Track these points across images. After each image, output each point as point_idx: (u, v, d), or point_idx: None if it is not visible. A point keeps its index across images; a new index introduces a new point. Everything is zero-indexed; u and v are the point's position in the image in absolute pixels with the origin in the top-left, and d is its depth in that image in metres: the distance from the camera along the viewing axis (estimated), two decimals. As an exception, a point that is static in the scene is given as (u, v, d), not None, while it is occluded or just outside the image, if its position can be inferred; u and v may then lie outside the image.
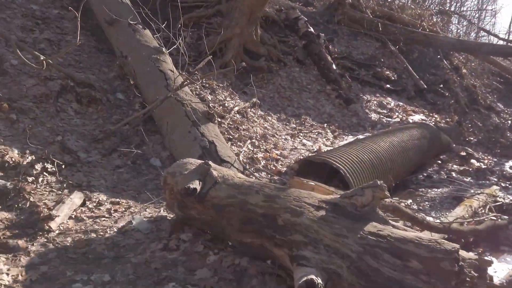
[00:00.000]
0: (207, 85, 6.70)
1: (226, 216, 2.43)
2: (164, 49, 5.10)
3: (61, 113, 4.22)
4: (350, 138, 6.97)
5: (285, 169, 5.02)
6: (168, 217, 3.05)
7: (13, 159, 3.23)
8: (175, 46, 4.61)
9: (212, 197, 2.54)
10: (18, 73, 4.46)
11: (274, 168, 4.99)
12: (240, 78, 7.85)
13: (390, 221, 2.32)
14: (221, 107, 6.03)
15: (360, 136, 6.83)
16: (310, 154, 5.77)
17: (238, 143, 5.40)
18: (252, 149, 5.43)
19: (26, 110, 3.96)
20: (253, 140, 5.56)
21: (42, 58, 3.78)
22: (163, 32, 5.16)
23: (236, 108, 6.51)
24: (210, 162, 2.72)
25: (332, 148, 6.00)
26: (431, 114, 9.20)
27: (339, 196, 2.30)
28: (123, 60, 5.29)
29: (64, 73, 4.66)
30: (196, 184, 2.52)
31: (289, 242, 2.18)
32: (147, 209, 3.20)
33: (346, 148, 5.03)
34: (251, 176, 4.29)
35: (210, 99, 6.42)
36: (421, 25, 11.23)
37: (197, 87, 6.12)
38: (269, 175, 4.73)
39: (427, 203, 4.63)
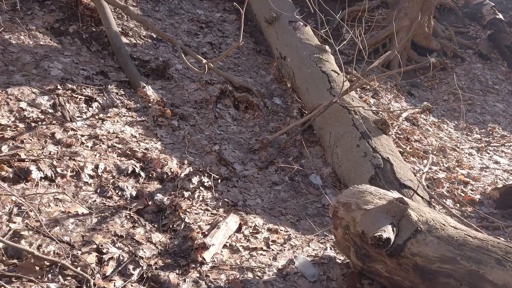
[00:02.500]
0: (367, 86, 5.87)
1: (441, 291, 1.63)
2: (327, 47, 4.47)
3: (219, 119, 3.98)
4: None
5: (479, 196, 3.84)
6: (337, 260, 2.39)
7: (171, 170, 3.03)
8: (345, 42, 3.93)
9: (412, 254, 1.76)
10: (181, 77, 4.42)
11: (463, 195, 3.86)
12: (405, 78, 6.78)
13: None
14: (385, 113, 5.11)
15: None
16: None
17: (411, 158, 4.41)
18: (429, 166, 4.38)
19: (187, 116, 3.82)
20: (431, 155, 4.49)
21: (204, 62, 3.56)
22: (325, 30, 4.53)
23: (405, 114, 5.51)
24: (407, 200, 1.93)
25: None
26: None
27: None
28: (281, 61, 4.87)
29: (224, 76, 4.47)
30: (389, 233, 1.78)
31: None
32: (310, 244, 2.60)
33: None
34: (437, 207, 3.31)
35: (372, 103, 5.57)
36: None
37: (358, 89, 5.33)
38: (457, 205, 3.65)
39: None
